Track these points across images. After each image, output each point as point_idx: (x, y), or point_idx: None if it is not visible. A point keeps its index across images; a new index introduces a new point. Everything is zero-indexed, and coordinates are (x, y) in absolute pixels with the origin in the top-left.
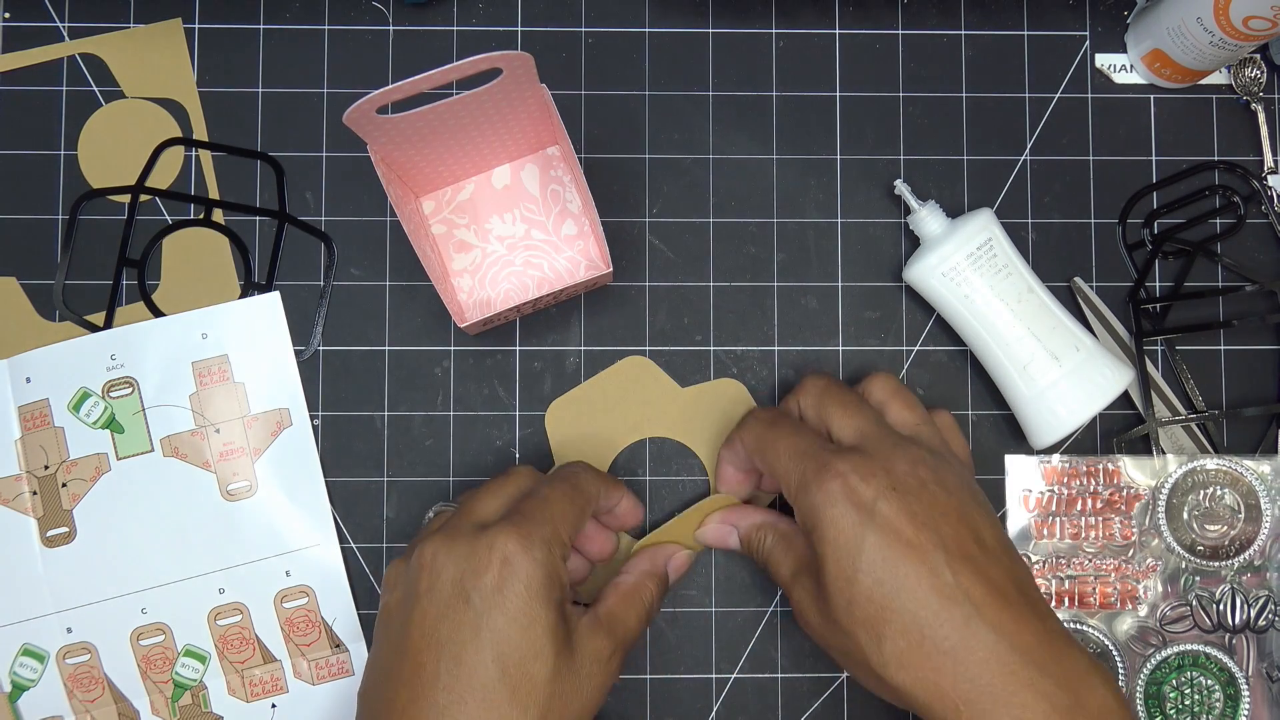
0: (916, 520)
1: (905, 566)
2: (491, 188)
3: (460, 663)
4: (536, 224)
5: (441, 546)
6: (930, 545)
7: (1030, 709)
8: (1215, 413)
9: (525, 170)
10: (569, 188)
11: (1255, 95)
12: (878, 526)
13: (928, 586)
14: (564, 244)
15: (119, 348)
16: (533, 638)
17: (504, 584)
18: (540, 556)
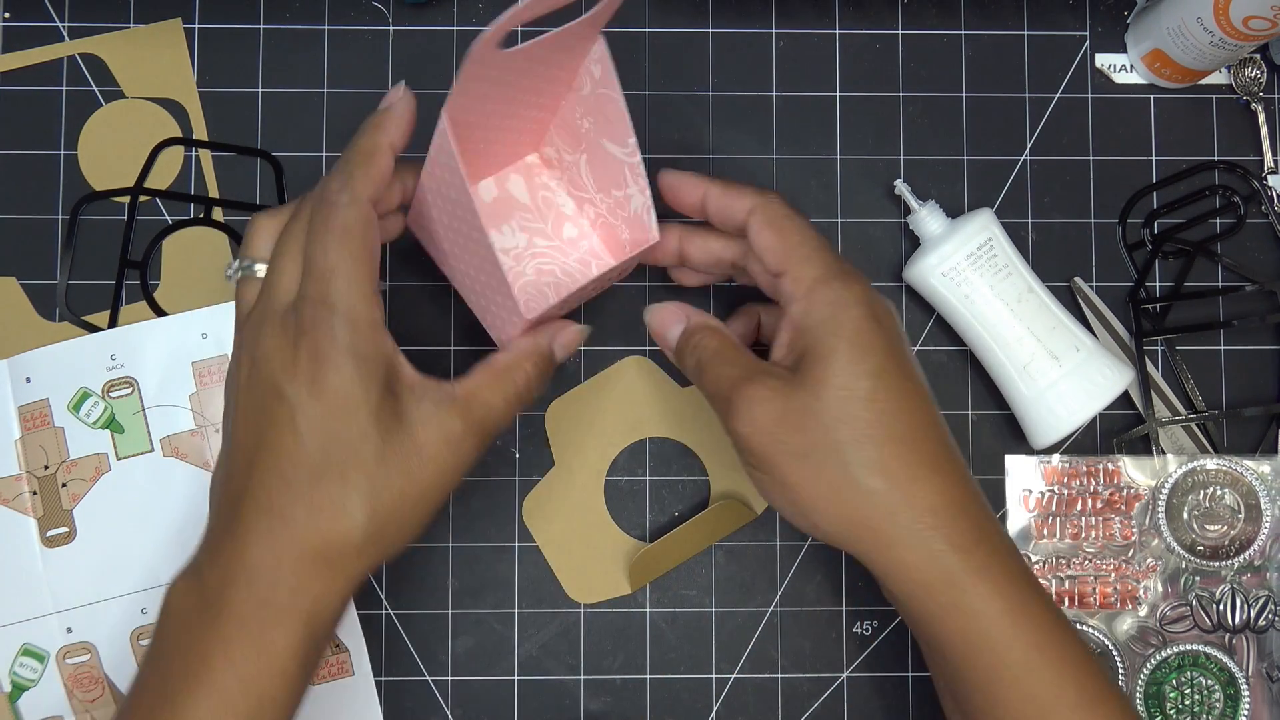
0: (909, 355)
1: (911, 397)
2: (482, 202)
3: (284, 451)
4: (536, 232)
5: (252, 336)
6: (924, 390)
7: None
8: (1215, 413)
9: (510, 181)
10: (558, 192)
11: (1255, 95)
12: (893, 348)
13: (921, 418)
14: (569, 246)
15: (119, 348)
16: (353, 423)
17: (317, 376)
18: (346, 340)
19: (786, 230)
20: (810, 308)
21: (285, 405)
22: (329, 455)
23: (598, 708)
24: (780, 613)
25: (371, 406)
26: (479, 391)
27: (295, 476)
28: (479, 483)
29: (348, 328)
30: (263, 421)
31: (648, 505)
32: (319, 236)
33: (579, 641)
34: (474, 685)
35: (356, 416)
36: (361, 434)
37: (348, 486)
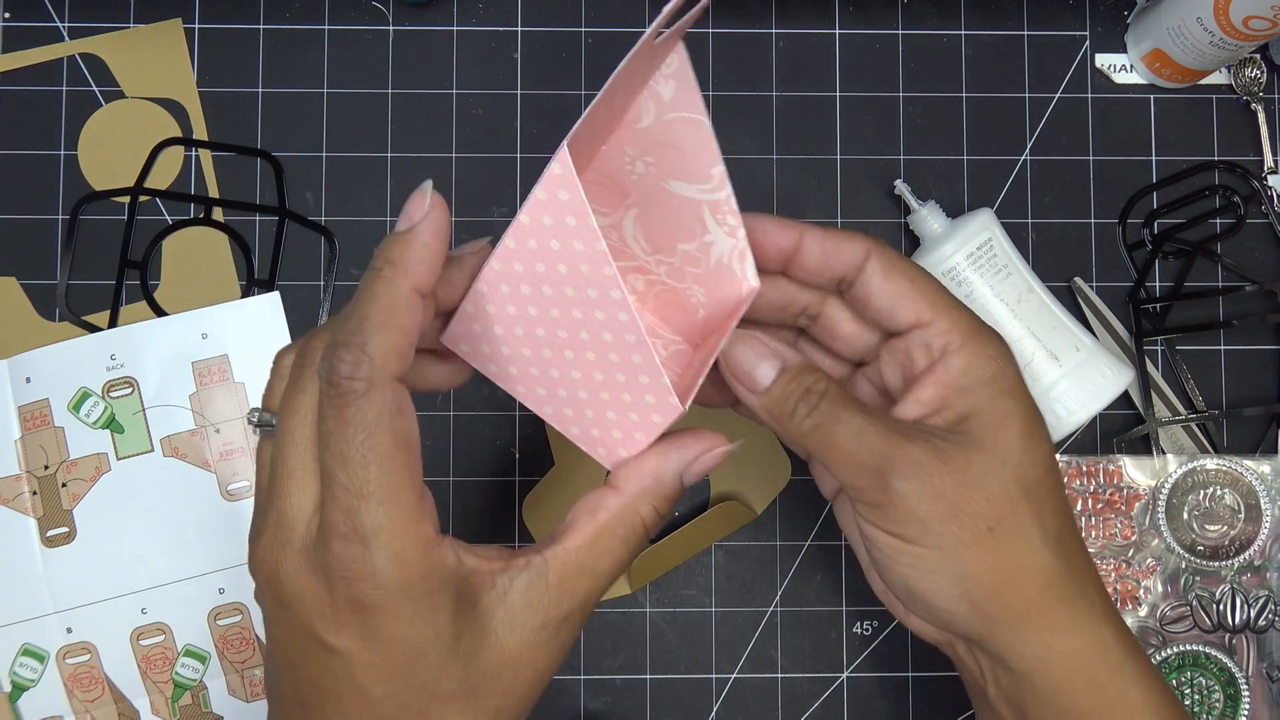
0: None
1: (1055, 475)
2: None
3: (342, 700)
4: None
5: (272, 570)
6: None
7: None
8: (1215, 413)
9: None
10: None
11: (1255, 95)
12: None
13: (1065, 507)
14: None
15: (119, 348)
16: (427, 666)
17: (370, 628)
18: (396, 580)
19: (916, 277)
20: (974, 364)
21: (338, 659)
22: (405, 704)
23: (598, 708)
24: (780, 613)
25: (444, 641)
26: (580, 559)
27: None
28: (479, 483)
29: (395, 566)
30: (314, 678)
31: None
32: (334, 442)
33: (579, 641)
34: None
35: (428, 659)
36: (438, 673)
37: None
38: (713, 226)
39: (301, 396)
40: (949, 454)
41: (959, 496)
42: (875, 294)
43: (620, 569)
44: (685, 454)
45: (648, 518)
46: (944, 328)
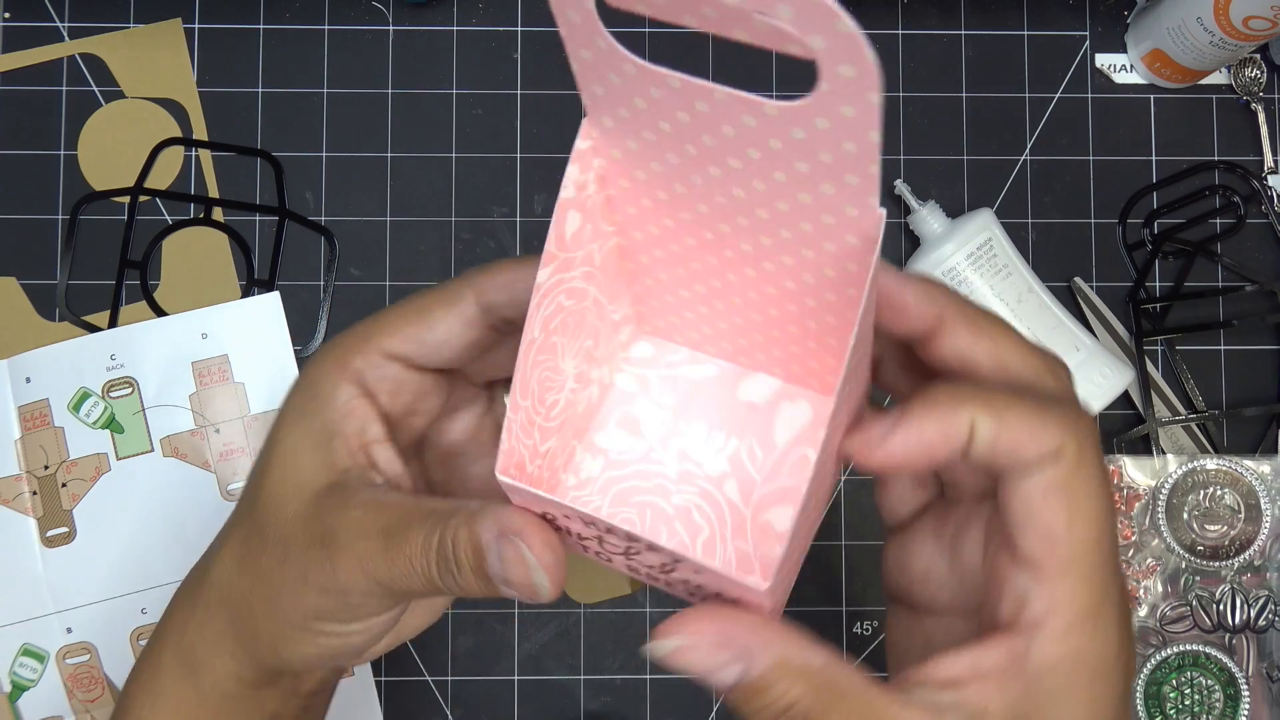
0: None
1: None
2: (734, 394)
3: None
4: (744, 478)
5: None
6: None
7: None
8: (1215, 413)
9: (796, 405)
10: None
11: (1255, 95)
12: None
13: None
14: (752, 533)
15: (119, 348)
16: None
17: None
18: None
19: (1079, 514)
20: (1056, 669)
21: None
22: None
23: (598, 708)
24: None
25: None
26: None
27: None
28: None
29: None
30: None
31: None
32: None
33: (579, 641)
34: (474, 685)
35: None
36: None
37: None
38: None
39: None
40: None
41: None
42: (1012, 492)
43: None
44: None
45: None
46: (1056, 597)
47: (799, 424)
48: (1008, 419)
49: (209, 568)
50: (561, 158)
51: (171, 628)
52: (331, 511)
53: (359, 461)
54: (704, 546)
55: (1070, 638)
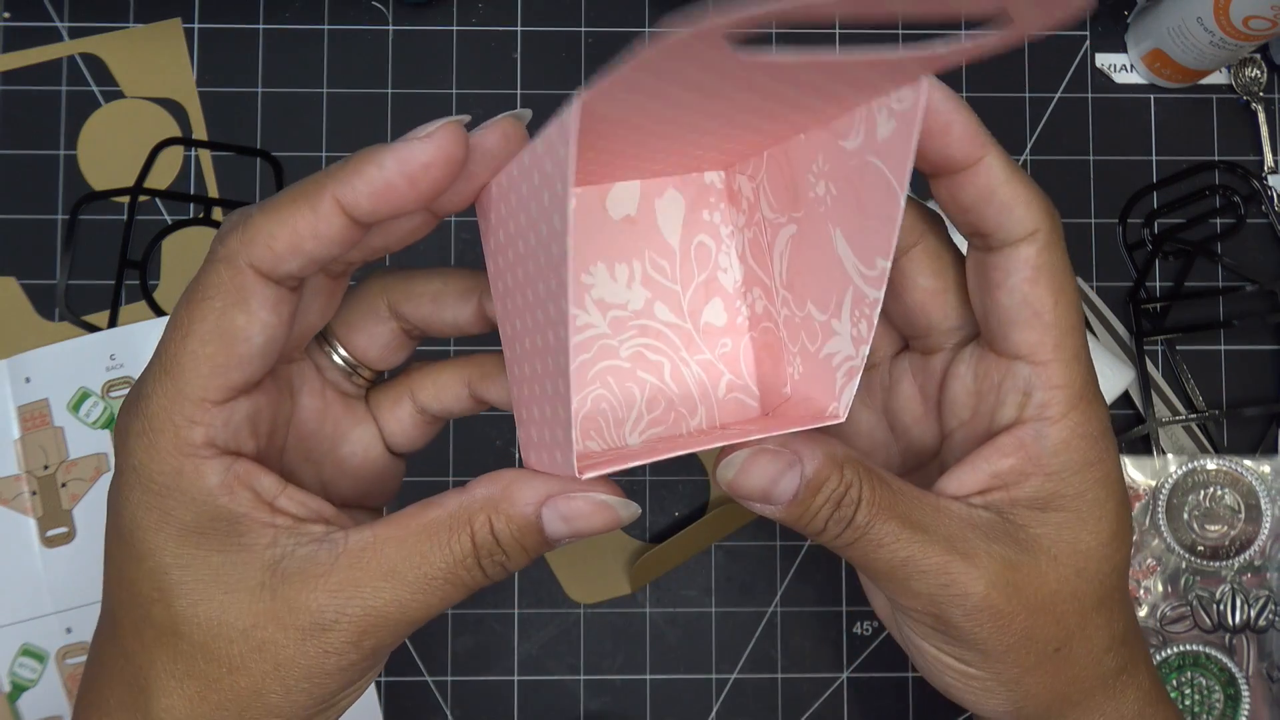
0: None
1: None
2: (605, 214)
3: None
4: (665, 293)
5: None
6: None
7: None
8: (1215, 413)
9: (665, 199)
10: (727, 243)
11: (1255, 95)
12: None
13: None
14: (702, 339)
15: (119, 348)
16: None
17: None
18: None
19: (1062, 298)
20: (1072, 443)
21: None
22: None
23: (598, 708)
24: (780, 613)
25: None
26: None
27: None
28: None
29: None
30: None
31: (648, 505)
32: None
33: (579, 641)
34: (474, 685)
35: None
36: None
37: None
38: (844, 319)
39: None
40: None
41: (1028, 625)
42: (1006, 288)
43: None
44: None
45: (480, 533)
46: (1055, 381)
47: (679, 214)
48: (1008, 181)
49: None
50: None
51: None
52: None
53: (281, 537)
54: (672, 377)
55: (1072, 415)
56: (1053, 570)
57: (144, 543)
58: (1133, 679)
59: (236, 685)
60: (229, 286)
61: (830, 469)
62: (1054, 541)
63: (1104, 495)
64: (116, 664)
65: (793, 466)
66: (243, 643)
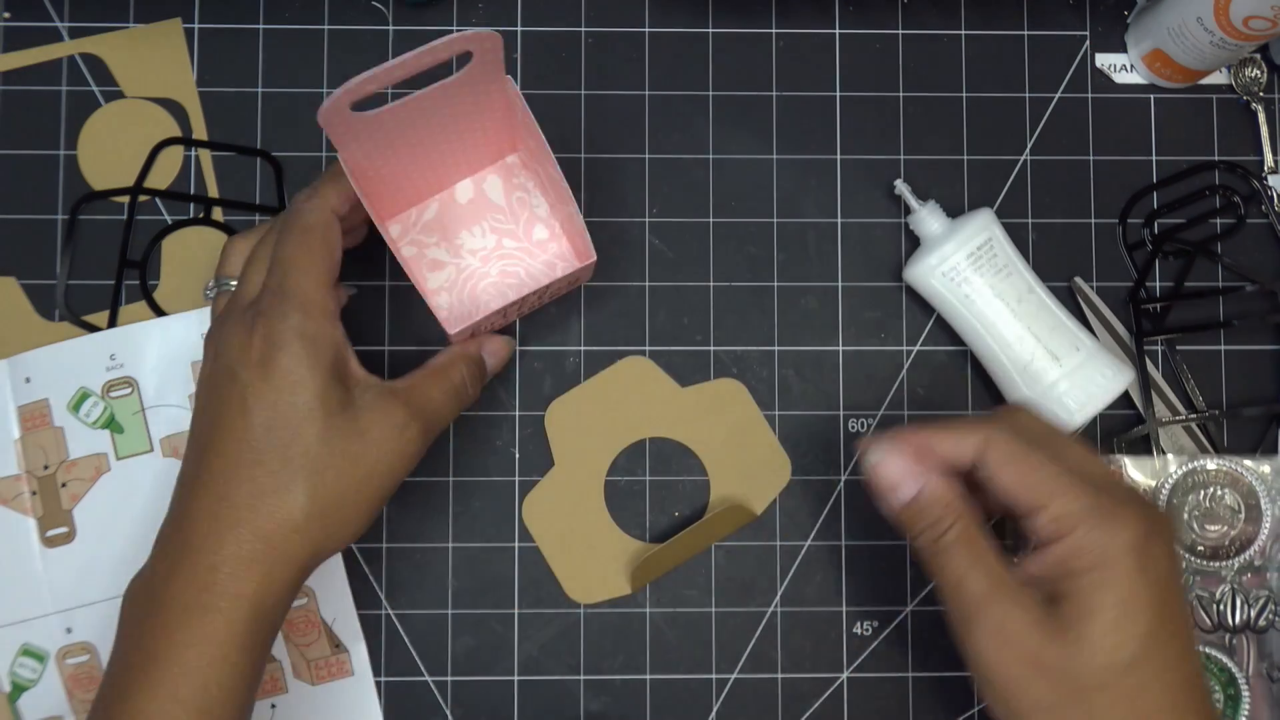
0: (1183, 601)
1: (1175, 648)
2: (456, 203)
3: (231, 432)
4: (507, 233)
5: (216, 333)
6: (1189, 633)
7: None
8: (1215, 413)
9: (488, 182)
10: (534, 193)
11: (1255, 95)
12: (1162, 599)
13: (1185, 677)
14: (537, 249)
15: (119, 348)
16: (299, 404)
17: (267, 357)
18: (297, 323)
19: (1029, 465)
20: (1076, 553)
21: (237, 385)
22: (273, 434)
23: (598, 708)
24: (780, 613)
25: (317, 387)
26: (417, 385)
27: (239, 456)
28: (479, 483)
29: (299, 312)
30: (216, 406)
31: (648, 505)
32: (283, 235)
33: (579, 641)
34: (474, 685)
35: (301, 395)
36: (306, 414)
37: (290, 465)
38: (570, 202)
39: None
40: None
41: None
42: (994, 485)
43: (449, 401)
44: (482, 339)
45: (464, 371)
46: (1054, 514)
47: (496, 184)
48: (946, 436)
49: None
50: (559, 157)
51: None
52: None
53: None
54: (529, 274)
55: (1084, 533)
56: (1071, 648)
57: (301, 379)
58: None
59: (358, 472)
60: (324, 222)
61: (939, 495)
62: (1081, 635)
63: (1128, 613)
64: (240, 475)
65: (917, 478)
66: (361, 440)
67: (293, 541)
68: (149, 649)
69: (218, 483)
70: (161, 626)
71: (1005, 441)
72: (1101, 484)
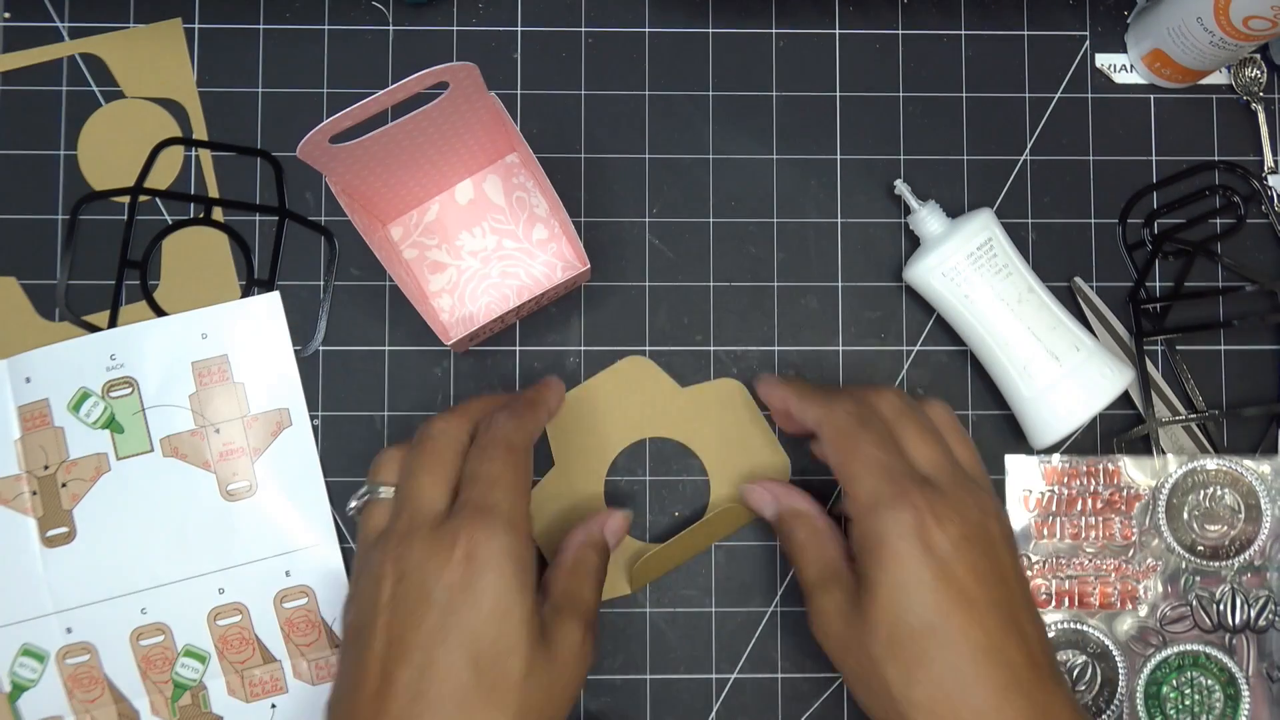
0: (979, 576)
1: (958, 620)
2: (456, 204)
3: (431, 667)
4: (507, 233)
5: (397, 550)
6: (986, 604)
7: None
8: (1215, 413)
9: (487, 182)
10: (533, 193)
11: (1255, 95)
12: (942, 574)
13: (975, 645)
14: (537, 249)
15: (119, 348)
16: (506, 632)
17: (471, 579)
18: (506, 543)
19: (846, 448)
20: (862, 534)
21: (434, 610)
22: (480, 670)
23: (598, 708)
24: (780, 613)
25: (525, 615)
26: (571, 589)
27: (439, 699)
28: None
29: (509, 532)
30: (409, 634)
31: (648, 505)
32: (486, 451)
33: None
34: None
35: (510, 624)
36: (512, 646)
37: (496, 706)
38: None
39: (425, 448)
40: (843, 609)
41: (838, 646)
42: (825, 459)
43: (595, 593)
44: (598, 520)
45: (593, 557)
46: (850, 496)
47: (496, 184)
48: (799, 400)
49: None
50: (559, 157)
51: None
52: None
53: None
54: (530, 275)
55: (867, 519)
56: (863, 625)
57: (510, 606)
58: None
59: (554, 704)
60: (528, 447)
61: (787, 509)
62: (867, 612)
63: (901, 590)
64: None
65: (774, 503)
66: (555, 668)
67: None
68: None
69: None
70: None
71: (833, 425)
72: (902, 473)
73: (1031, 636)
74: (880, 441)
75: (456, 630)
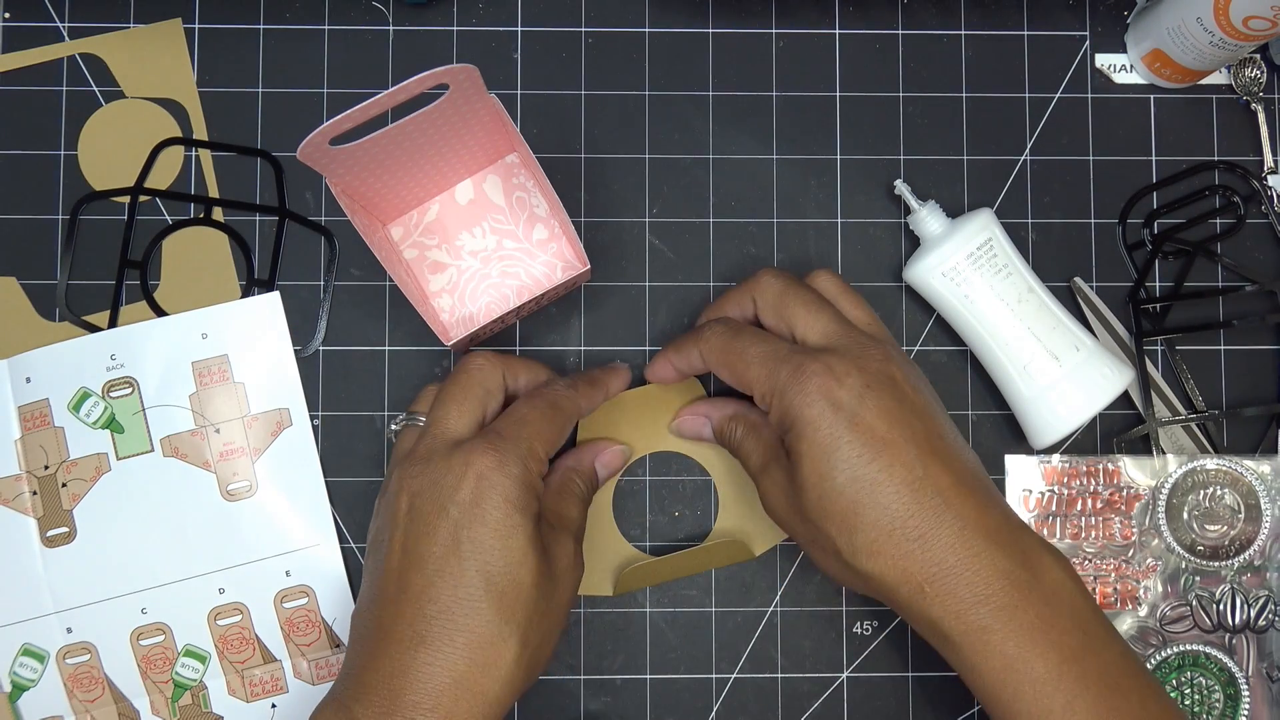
0: (890, 417)
1: (880, 462)
2: (456, 204)
3: (443, 575)
4: (507, 233)
5: (415, 468)
6: (903, 441)
7: (990, 583)
8: (1215, 413)
9: (488, 182)
10: (533, 193)
11: (1255, 95)
12: (854, 425)
13: (900, 480)
14: (537, 249)
15: (119, 348)
16: (513, 546)
17: (481, 497)
18: (516, 471)
19: (730, 362)
20: (779, 419)
21: (448, 523)
22: (490, 580)
23: (598, 708)
24: (780, 613)
25: (530, 532)
26: (558, 508)
27: (453, 603)
28: None
29: (519, 463)
30: (422, 544)
31: (648, 505)
32: (530, 399)
33: (579, 641)
34: None
35: (516, 539)
36: (520, 559)
37: (505, 615)
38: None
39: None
40: (784, 483)
41: (789, 517)
42: (724, 381)
43: (581, 512)
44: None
45: (578, 482)
46: (761, 394)
47: (496, 184)
48: (676, 354)
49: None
50: (559, 157)
51: None
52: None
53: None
54: (530, 275)
55: (775, 404)
56: (799, 493)
57: (516, 525)
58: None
59: (556, 613)
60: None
61: (721, 417)
62: (798, 480)
63: (820, 451)
64: (455, 625)
65: (704, 424)
66: (556, 581)
67: (503, 691)
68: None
69: (429, 630)
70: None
71: (711, 348)
72: (790, 350)
73: (957, 461)
74: (758, 337)
75: (468, 543)
